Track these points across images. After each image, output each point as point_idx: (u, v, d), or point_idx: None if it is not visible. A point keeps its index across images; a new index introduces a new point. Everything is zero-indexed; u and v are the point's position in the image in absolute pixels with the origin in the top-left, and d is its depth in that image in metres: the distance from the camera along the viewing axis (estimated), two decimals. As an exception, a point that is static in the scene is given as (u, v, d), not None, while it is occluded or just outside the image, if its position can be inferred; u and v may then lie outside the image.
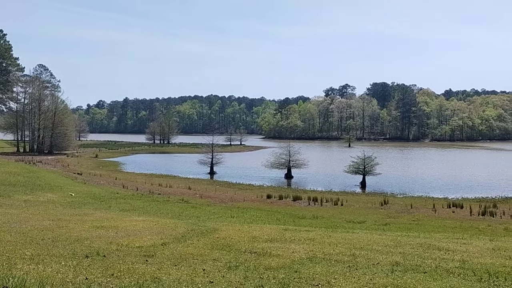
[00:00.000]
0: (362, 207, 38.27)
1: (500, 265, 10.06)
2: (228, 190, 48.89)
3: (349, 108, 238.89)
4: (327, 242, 12.46)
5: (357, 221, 29.36)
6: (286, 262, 9.52)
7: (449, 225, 28.57)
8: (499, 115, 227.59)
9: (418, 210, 36.47)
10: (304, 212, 33.62)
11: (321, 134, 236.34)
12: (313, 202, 40.12)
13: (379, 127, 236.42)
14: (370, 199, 43.44)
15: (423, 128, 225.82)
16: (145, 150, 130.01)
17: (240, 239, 12.39)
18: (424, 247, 12.34)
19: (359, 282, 8.08)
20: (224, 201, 39.25)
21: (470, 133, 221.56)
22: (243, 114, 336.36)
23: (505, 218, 33.00)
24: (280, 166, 66.05)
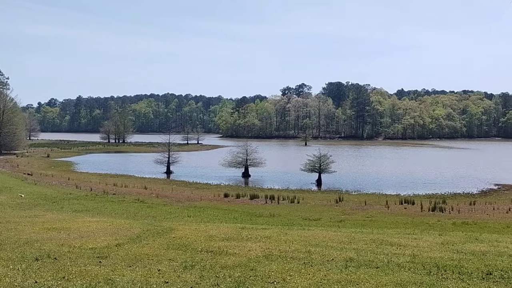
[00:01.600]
0: (318, 204, 38.84)
1: (448, 259, 10.46)
2: (185, 189, 48.50)
3: (306, 107, 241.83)
4: (283, 239, 12.57)
5: (313, 218, 29.77)
6: (242, 261, 9.54)
7: (401, 221, 29.43)
8: (448, 114, 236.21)
9: (371, 207, 37.37)
10: (261, 210, 33.79)
11: (278, 133, 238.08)
12: (270, 200, 40.39)
13: (334, 126, 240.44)
14: (326, 196, 44.17)
15: (377, 127, 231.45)
16: (99, 150, 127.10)
17: (197, 238, 12.32)
18: (377, 243, 12.65)
19: (314, 278, 8.21)
20: (181, 200, 38.92)
21: (421, 132, 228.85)
22: (200, 113, 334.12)
23: (454, 214, 34.31)
24: (237, 165, 66.13)
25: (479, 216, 33.12)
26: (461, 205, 38.77)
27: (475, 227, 26.94)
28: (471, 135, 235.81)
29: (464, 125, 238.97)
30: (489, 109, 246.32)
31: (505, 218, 32.48)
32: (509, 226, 27.89)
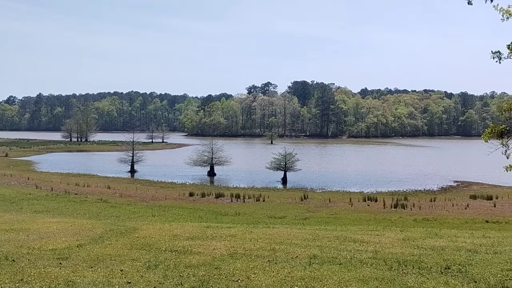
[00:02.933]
0: (283, 202, 39.11)
1: (409, 254, 10.72)
2: (149, 188, 47.93)
3: (271, 105, 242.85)
4: (248, 238, 12.60)
5: (278, 216, 29.97)
6: (207, 259, 9.52)
7: (364, 218, 29.98)
8: (410, 113, 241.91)
9: (336, 204, 37.89)
10: (226, 209, 33.77)
11: (244, 131, 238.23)
12: (235, 198, 40.40)
13: (300, 125, 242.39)
14: (291, 194, 44.51)
15: (341, 125, 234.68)
16: (61, 149, 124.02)
17: (161, 238, 12.20)
18: (341, 240, 12.85)
19: (278, 276, 8.27)
20: (145, 199, 38.46)
21: (384, 130, 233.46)
22: (165, 111, 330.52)
23: (415, 210, 35.18)
24: (202, 163, 65.74)
25: (439, 212, 34.07)
26: (422, 201, 39.76)
27: (435, 223, 27.72)
28: (432, 133, 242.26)
29: (425, 124, 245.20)
30: (449, 108, 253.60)
31: (464, 214, 33.53)
32: (467, 222, 28.82)
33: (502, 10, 9.51)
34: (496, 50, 9.13)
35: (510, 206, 37.60)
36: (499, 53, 9.12)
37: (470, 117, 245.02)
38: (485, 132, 10.23)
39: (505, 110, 10.11)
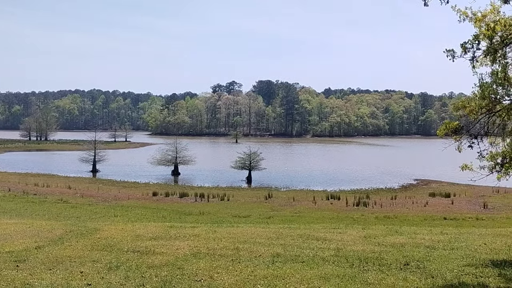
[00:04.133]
0: (247, 201, 39.20)
1: (370, 251, 10.95)
2: (112, 188, 47.11)
3: (236, 104, 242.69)
4: (212, 237, 12.58)
5: (243, 215, 30.02)
6: (169, 260, 9.45)
7: (328, 216, 30.38)
8: (372, 112, 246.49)
9: (299, 203, 38.26)
10: (190, 209, 33.59)
11: (209, 130, 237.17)
12: (200, 198, 40.23)
13: (264, 124, 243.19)
14: (256, 193, 44.66)
15: (305, 125, 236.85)
16: (19, 148, 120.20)
17: (123, 238, 12.03)
18: (304, 238, 12.99)
19: (241, 275, 8.29)
20: (107, 199, 37.79)
21: (347, 129, 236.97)
22: (128, 109, 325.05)
23: (377, 208, 35.91)
24: (167, 163, 65.08)
25: (400, 209, 34.89)
26: (384, 199, 40.63)
27: (396, 220, 28.37)
28: (393, 133, 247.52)
29: (387, 123, 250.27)
30: (409, 108, 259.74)
31: (423, 211, 34.46)
32: (426, 219, 29.63)
33: (460, 12, 9.80)
34: (450, 49, 9.42)
35: (467, 203, 38.90)
36: (452, 51, 9.41)
37: (429, 116, 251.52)
38: (440, 128, 10.54)
39: (459, 108, 10.43)
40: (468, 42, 9.28)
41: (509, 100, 10.11)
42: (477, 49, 9.30)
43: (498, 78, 9.51)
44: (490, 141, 10.64)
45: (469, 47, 9.27)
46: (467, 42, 9.28)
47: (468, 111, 10.31)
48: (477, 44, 9.28)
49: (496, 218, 30.85)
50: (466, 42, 9.29)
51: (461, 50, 9.29)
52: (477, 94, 10.02)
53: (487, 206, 36.85)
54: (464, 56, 9.31)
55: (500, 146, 10.65)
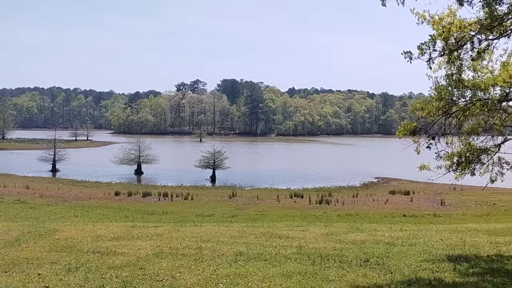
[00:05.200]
0: (211, 200, 39.09)
1: (331, 249, 11.14)
2: (72, 188, 46.04)
3: (201, 103, 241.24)
4: (175, 236, 12.51)
5: (206, 214, 29.93)
6: (131, 260, 9.34)
7: (291, 214, 30.65)
8: (335, 112, 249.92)
9: (263, 201, 38.43)
10: (154, 208, 33.23)
11: (173, 129, 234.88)
12: (163, 197, 39.85)
13: (229, 123, 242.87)
14: (220, 192, 44.58)
15: (270, 124, 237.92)
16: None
17: (83, 239, 11.80)
18: (267, 236, 13.09)
19: (203, 274, 8.28)
20: (68, 200, 36.91)
21: (310, 129, 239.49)
22: (90, 108, 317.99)
23: (339, 206, 36.46)
24: (129, 162, 64.03)
25: (361, 207, 35.55)
26: (346, 197, 41.29)
27: (357, 217, 28.90)
28: (355, 132, 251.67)
29: (349, 123, 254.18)
30: (371, 108, 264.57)
31: (383, 208, 35.23)
32: (386, 216, 30.31)
33: (418, 14, 10.09)
34: (407, 50, 9.68)
35: (426, 201, 40.02)
36: (410, 53, 9.68)
37: (390, 116, 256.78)
38: (398, 129, 10.82)
39: (417, 110, 10.74)
40: (425, 44, 9.57)
41: (464, 101, 10.48)
42: (433, 51, 9.60)
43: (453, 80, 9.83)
44: (447, 141, 11.01)
45: (426, 49, 9.56)
46: (423, 43, 9.57)
47: (425, 113, 10.63)
48: (433, 45, 9.58)
49: (453, 214, 31.87)
50: (423, 44, 9.57)
51: (418, 52, 9.57)
52: (433, 96, 10.35)
53: (445, 203, 38.02)
54: (421, 57, 9.60)
55: (456, 146, 11.04)
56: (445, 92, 10.06)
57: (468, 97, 10.32)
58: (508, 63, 10.30)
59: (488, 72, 10.44)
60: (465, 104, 10.39)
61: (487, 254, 10.76)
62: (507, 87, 10.21)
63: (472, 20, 9.59)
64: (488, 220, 26.78)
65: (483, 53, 10.25)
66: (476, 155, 10.87)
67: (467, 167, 10.80)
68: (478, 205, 37.32)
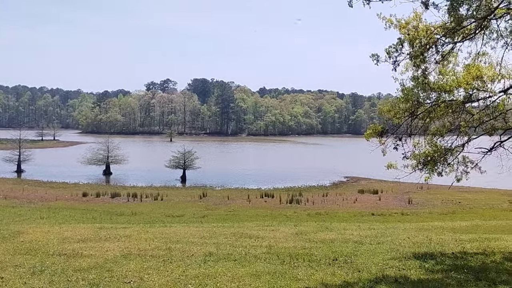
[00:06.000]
0: (182, 200, 38.85)
1: (301, 248, 11.21)
2: (38, 189, 44.97)
3: (171, 103, 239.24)
4: (143, 238, 12.37)
5: (176, 214, 29.73)
6: (98, 262, 9.18)
7: (261, 214, 30.74)
8: (305, 112, 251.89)
9: (234, 201, 38.43)
10: (122, 209, 32.80)
11: (143, 129, 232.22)
12: (132, 198, 39.38)
13: (200, 122, 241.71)
14: (190, 192, 44.34)
15: (241, 123, 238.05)
16: None
17: (49, 241, 11.54)
18: (237, 236, 13.08)
19: (172, 275, 8.21)
20: (33, 201, 36.03)
21: (281, 128, 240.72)
22: (57, 107, 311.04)
23: (309, 205, 36.78)
24: (98, 162, 62.92)
25: (331, 206, 35.95)
26: (316, 196, 41.67)
27: (327, 217, 29.21)
28: (326, 132, 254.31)
29: (319, 122, 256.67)
30: (340, 108, 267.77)
31: (352, 207, 35.73)
32: (355, 215, 30.74)
33: (385, 19, 10.26)
34: (375, 53, 9.86)
35: (393, 199, 40.77)
36: (377, 56, 9.85)
37: (359, 116, 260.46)
38: (366, 132, 10.99)
39: (385, 111, 10.93)
40: (392, 47, 9.76)
41: (430, 103, 10.72)
42: (399, 54, 9.80)
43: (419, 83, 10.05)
44: (414, 142, 11.24)
45: (392, 52, 9.75)
46: (390, 47, 9.76)
47: (392, 115, 10.83)
48: (400, 49, 9.77)
49: (420, 213, 32.58)
50: (390, 47, 9.76)
51: (385, 55, 9.75)
52: (400, 98, 10.56)
53: (412, 201, 38.83)
54: (388, 60, 9.78)
55: (423, 147, 11.28)
56: (411, 94, 10.27)
57: (434, 99, 10.56)
58: (471, 66, 10.59)
59: (453, 74, 10.71)
60: (430, 105, 10.62)
61: (452, 251, 11.02)
62: (471, 89, 10.49)
63: (437, 24, 9.82)
64: (454, 218, 27.49)
65: (448, 56, 10.52)
66: (441, 155, 11.11)
67: (433, 167, 11.04)
68: (444, 203, 38.26)
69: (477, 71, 10.48)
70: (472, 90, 10.52)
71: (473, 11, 9.44)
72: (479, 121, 10.78)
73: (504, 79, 10.67)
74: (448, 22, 9.49)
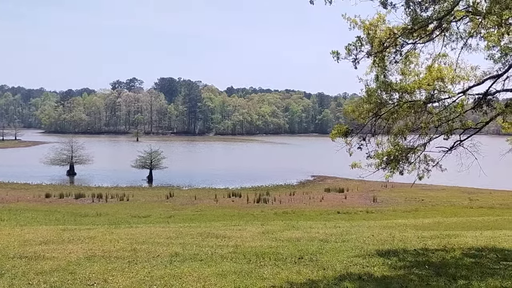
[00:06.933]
0: (148, 201, 38.44)
1: (267, 247, 11.27)
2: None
3: (137, 102, 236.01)
4: (108, 239, 12.18)
5: (143, 215, 29.39)
6: (61, 264, 8.99)
7: (229, 213, 30.74)
8: (273, 111, 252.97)
9: (201, 201, 38.28)
10: (87, 210, 32.18)
11: (108, 128, 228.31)
12: (97, 199, 38.72)
13: (167, 122, 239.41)
14: (157, 192, 43.92)
15: (208, 123, 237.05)
16: None
17: (9, 244, 11.22)
18: (204, 236, 13.04)
19: (137, 276, 8.13)
20: (-6, 203, 34.98)
21: (249, 128, 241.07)
22: (18, 106, 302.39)
23: (276, 204, 37.01)
24: (61, 162, 61.49)
25: (297, 205, 36.27)
26: (283, 195, 41.95)
27: (294, 215, 29.46)
28: (293, 131, 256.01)
29: (287, 122, 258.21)
30: (307, 107, 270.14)
31: (319, 206, 36.14)
32: (321, 213, 31.12)
33: (350, 20, 10.43)
34: (335, 50, 9.99)
35: (359, 198, 41.46)
36: (337, 53, 9.99)
37: (326, 116, 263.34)
38: (332, 132, 11.14)
39: (349, 112, 11.12)
40: (351, 45, 9.92)
41: (393, 104, 10.96)
42: (359, 52, 9.97)
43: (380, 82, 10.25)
44: (377, 142, 11.47)
45: (352, 49, 9.92)
46: (350, 44, 9.91)
47: (357, 115, 11.02)
48: (359, 46, 9.94)
49: (384, 211, 33.25)
50: (349, 44, 9.92)
51: (345, 52, 9.90)
52: (364, 98, 10.75)
53: (376, 200, 39.58)
54: (348, 58, 9.94)
55: (386, 146, 11.52)
56: (375, 95, 10.47)
57: (396, 100, 10.79)
58: (432, 67, 10.88)
59: (415, 75, 10.97)
60: (393, 106, 10.85)
61: (414, 248, 11.29)
62: (432, 89, 10.78)
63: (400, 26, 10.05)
64: (416, 216, 28.19)
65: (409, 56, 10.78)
66: (404, 154, 11.37)
67: (395, 166, 11.29)
68: (408, 201, 39.16)
69: (438, 72, 10.78)
70: (433, 90, 10.81)
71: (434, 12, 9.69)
72: (439, 122, 11.07)
73: (463, 80, 11.02)
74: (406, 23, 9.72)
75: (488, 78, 10.80)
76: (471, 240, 12.64)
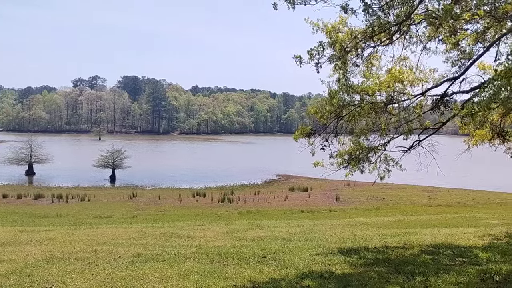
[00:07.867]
0: (110, 201, 37.79)
1: (230, 246, 11.28)
2: (-48, 191, 41.99)
3: (100, 100, 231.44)
4: (68, 240, 11.93)
5: (104, 216, 28.85)
6: (18, 267, 8.75)
7: (193, 213, 30.57)
8: (238, 111, 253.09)
9: (165, 201, 37.92)
10: (46, 211, 31.35)
11: (70, 127, 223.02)
12: (57, 199, 37.79)
13: (130, 121, 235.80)
14: (119, 192, 43.24)
15: (173, 122, 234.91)
16: None
17: (-37, 247, 10.84)
18: (167, 236, 12.94)
19: (97, 278, 7.99)
20: None
21: (214, 127, 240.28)
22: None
23: (240, 203, 37.04)
24: (19, 162, 59.64)
25: (262, 204, 36.40)
26: (247, 195, 42.03)
27: (258, 215, 29.55)
28: (258, 131, 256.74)
29: (252, 121, 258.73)
30: (273, 107, 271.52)
31: (283, 205, 36.38)
32: (285, 213, 31.33)
33: (312, 23, 10.54)
34: (298, 55, 10.08)
35: (322, 197, 41.98)
36: (300, 57, 10.08)
37: (291, 115, 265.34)
38: (295, 133, 11.25)
39: (312, 113, 11.25)
40: (313, 49, 10.03)
41: (354, 106, 11.16)
42: (321, 56, 10.10)
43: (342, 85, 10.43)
44: (340, 141, 11.65)
45: (315, 54, 10.03)
46: (312, 49, 10.02)
47: (319, 116, 11.17)
48: (322, 51, 10.07)
49: (346, 209, 33.77)
50: (312, 49, 10.03)
51: (308, 57, 10.01)
52: (326, 100, 10.91)
53: (339, 198, 40.17)
54: (311, 62, 10.05)
55: (347, 146, 11.72)
56: (337, 96, 10.63)
57: (357, 101, 10.99)
58: (393, 69, 11.15)
59: (376, 77, 11.20)
60: (354, 108, 11.05)
61: (374, 245, 11.53)
62: (392, 91, 11.04)
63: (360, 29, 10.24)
64: (378, 214, 28.77)
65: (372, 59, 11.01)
66: (365, 153, 11.59)
67: (356, 165, 11.49)
68: (369, 200, 39.91)
69: (399, 74, 11.05)
70: (393, 92, 11.07)
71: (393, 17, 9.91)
72: (399, 122, 11.34)
73: (422, 82, 11.33)
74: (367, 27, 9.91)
75: (446, 80, 11.13)
76: (429, 237, 13.00)
